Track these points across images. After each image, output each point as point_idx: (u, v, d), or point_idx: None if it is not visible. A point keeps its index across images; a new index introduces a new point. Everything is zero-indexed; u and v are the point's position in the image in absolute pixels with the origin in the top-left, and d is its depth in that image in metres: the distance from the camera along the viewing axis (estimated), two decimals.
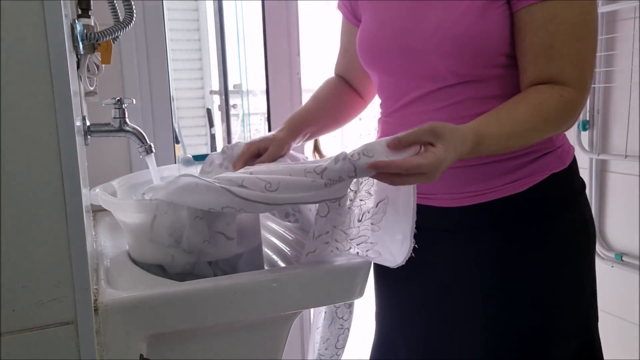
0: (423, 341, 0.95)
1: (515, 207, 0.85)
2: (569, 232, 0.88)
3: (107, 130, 0.98)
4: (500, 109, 0.77)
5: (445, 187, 0.86)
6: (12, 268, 0.58)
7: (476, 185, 0.84)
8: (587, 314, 0.92)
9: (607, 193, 1.69)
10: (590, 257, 0.92)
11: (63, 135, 0.58)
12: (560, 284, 0.87)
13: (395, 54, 0.86)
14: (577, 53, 0.77)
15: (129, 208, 0.84)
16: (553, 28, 0.77)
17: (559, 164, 0.86)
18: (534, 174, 0.84)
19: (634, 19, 1.54)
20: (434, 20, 0.81)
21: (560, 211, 0.87)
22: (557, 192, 0.87)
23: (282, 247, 1.03)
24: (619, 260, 1.64)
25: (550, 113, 0.77)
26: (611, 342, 1.71)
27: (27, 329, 0.60)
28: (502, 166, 0.84)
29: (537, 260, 0.86)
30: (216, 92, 2.53)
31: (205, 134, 2.99)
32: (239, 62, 2.27)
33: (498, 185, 0.84)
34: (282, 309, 0.82)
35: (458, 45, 0.80)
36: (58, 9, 0.56)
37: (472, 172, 0.84)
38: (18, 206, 0.58)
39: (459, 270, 0.89)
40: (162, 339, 0.76)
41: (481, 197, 0.85)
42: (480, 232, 0.87)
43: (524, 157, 0.84)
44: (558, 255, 0.87)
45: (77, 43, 0.77)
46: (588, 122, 1.69)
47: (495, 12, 0.79)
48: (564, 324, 0.88)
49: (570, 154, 0.89)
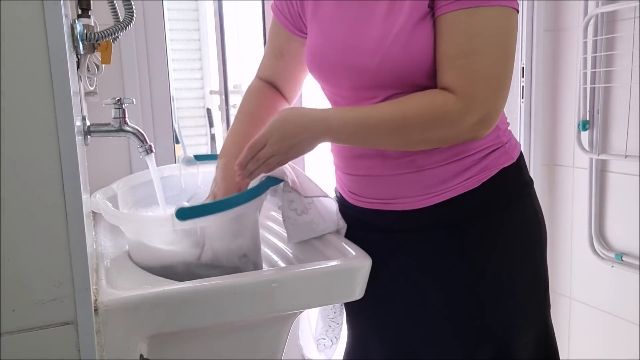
0: (394, 340, 0.96)
1: (470, 203, 0.88)
2: (522, 223, 0.92)
3: (107, 130, 0.98)
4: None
5: (405, 192, 0.89)
6: (12, 268, 0.58)
7: (434, 187, 0.88)
8: (543, 304, 0.96)
9: (607, 193, 1.69)
10: (542, 247, 0.95)
11: (63, 135, 0.58)
12: (517, 274, 0.91)
13: (343, 70, 0.88)
14: (470, 64, 0.77)
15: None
16: (454, 37, 0.78)
17: (507, 159, 0.89)
18: (485, 170, 0.87)
19: (634, 19, 1.54)
20: (374, 38, 0.84)
21: (513, 203, 0.91)
22: (509, 186, 0.90)
23: (282, 247, 1.03)
24: (619, 260, 1.64)
25: (410, 111, 0.79)
26: (611, 342, 1.71)
27: (27, 329, 0.60)
28: (456, 166, 0.87)
29: (493, 252, 0.89)
30: (216, 92, 2.53)
31: (205, 134, 3.00)
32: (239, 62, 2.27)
33: (454, 184, 0.87)
34: (282, 309, 0.82)
35: (398, 62, 0.82)
36: (58, 9, 0.56)
37: (429, 175, 0.87)
38: (18, 206, 0.58)
39: (419, 268, 0.91)
40: (162, 339, 0.76)
41: (438, 197, 0.88)
42: (437, 229, 0.89)
43: (474, 155, 0.87)
44: (513, 245, 0.91)
45: (77, 43, 0.77)
46: (588, 122, 1.69)
47: (429, 24, 0.81)
48: (522, 314, 0.91)
49: (517, 149, 0.93)
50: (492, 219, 0.89)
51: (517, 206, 0.91)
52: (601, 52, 1.62)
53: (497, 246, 0.89)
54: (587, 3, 1.63)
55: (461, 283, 0.89)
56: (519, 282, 0.91)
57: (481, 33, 0.77)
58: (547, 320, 0.97)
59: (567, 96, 1.75)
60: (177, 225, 0.80)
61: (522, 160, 0.94)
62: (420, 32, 0.80)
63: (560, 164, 1.82)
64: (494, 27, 0.77)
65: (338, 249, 0.90)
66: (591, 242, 1.71)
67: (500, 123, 0.89)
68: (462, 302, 0.89)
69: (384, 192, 0.91)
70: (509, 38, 0.79)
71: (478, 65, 0.78)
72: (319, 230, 0.94)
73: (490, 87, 0.78)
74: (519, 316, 0.91)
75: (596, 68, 1.64)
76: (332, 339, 1.05)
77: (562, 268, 1.84)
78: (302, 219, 0.92)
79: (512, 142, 0.93)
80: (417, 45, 0.81)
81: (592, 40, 1.62)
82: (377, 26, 0.83)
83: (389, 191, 0.90)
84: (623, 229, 1.65)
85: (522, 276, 0.91)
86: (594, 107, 1.68)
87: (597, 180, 1.70)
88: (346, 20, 0.88)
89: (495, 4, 0.77)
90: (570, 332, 1.85)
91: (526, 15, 1.73)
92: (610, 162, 1.67)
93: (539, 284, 0.95)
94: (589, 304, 1.77)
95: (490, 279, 0.89)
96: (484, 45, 0.77)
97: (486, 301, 0.89)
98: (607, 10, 1.58)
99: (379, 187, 0.91)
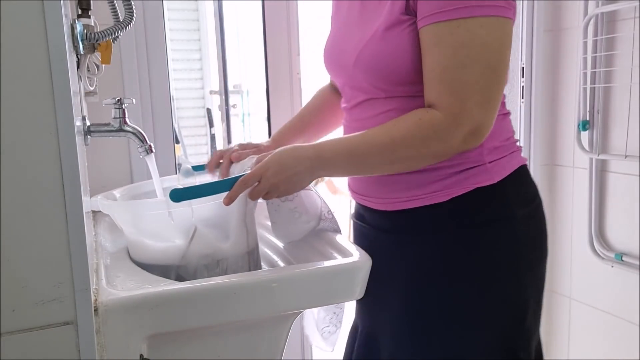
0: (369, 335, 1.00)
1: (436, 216, 0.86)
2: (491, 249, 0.86)
3: (107, 130, 0.98)
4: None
5: (374, 191, 0.92)
6: (12, 268, 0.58)
7: (399, 193, 0.88)
8: (509, 335, 0.89)
9: (607, 193, 1.69)
10: (519, 277, 0.88)
11: (63, 135, 0.58)
12: (467, 299, 0.87)
13: (335, 69, 0.95)
14: (455, 79, 0.76)
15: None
16: (437, 52, 0.76)
17: (486, 179, 0.85)
18: (456, 186, 0.85)
19: (634, 19, 1.54)
20: (355, 41, 0.86)
21: (484, 226, 0.86)
22: (483, 207, 0.86)
23: (282, 247, 1.03)
24: (619, 260, 1.64)
25: (399, 132, 0.79)
26: (611, 342, 1.71)
27: (27, 329, 0.60)
28: (424, 176, 0.86)
29: (459, 272, 0.86)
30: (216, 92, 2.53)
31: (205, 134, 2.99)
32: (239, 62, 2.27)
33: (419, 194, 0.86)
34: (282, 309, 0.82)
35: (371, 65, 0.83)
36: (58, 9, 0.56)
37: (395, 180, 0.88)
38: (18, 206, 0.58)
39: (390, 269, 0.92)
40: (162, 339, 0.76)
41: (403, 204, 0.88)
42: (405, 236, 0.90)
43: (447, 168, 0.85)
44: (473, 269, 0.86)
45: (77, 43, 0.77)
46: (588, 122, 1.68)
47: (402, 33, 0.80)
48: (470, 341, 0.87)
49: (504, 171, 0.87)
50: (455, 236, 0.86)
51: (487, 230, 0.86)
52: (601, 52, 1.62)
53: (459, 268, 0.86)
54: (587, 3, 1.63)
55: (417, 296, 0.89)
56: (468, 307, 0.87)
57: (466, 46, 0.75)
58: (516, 354, 0.90)
59: (567, 96, 1.75)
60: (172, 206, 0.80)
61: (508, 186, 0.87)
62: (392, 37, 0.80)
63: (560, 164, 1.82)
64: (479, 38, 0.75)
65: (338, 249, 0.90)
66: (591, 242, 1.71)
67: (487, 142, 0.84)
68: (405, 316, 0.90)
69: (362, 187, 0.94)
70: (496, 48, 0.76)
71: (463, 79, 0.76)
72: (301, 221, 0.94)
73: (476, 101, 0.76)
74: (466, 343, 0.87)
75: (596, 68, 1.64)
76: (335, 324, 1.06)
77: (562, 268, 1.84)
78: (286, 205, 0.93)
79: (501, 163, 0.87)
80: (387, 51, 0.81)
81: (592, 40, 1.62)
82: (360, 28, 0.86)
83: (364, 187, 0.94)
84: (623, 229, 1.65)
85: (474, 302, 0.87)
86: (594, 107, 1.68)
87: (597, 180, 1.70)
88: (345, 21, 0.92)
89: (478, 15, 0.74)
90: (570, 332, 1.85)
91: (526, 15, 1.73)
92: (610, 162, 1.67)
93: (503, 313, 0.88)
94: (589, 304, 1.77)
95: (431, 297, 0.87)
96: (468, 59, 0.75)
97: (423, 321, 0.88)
98: (607, 10, 1.58)
99: (359, 182, 0.95)
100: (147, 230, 0.88)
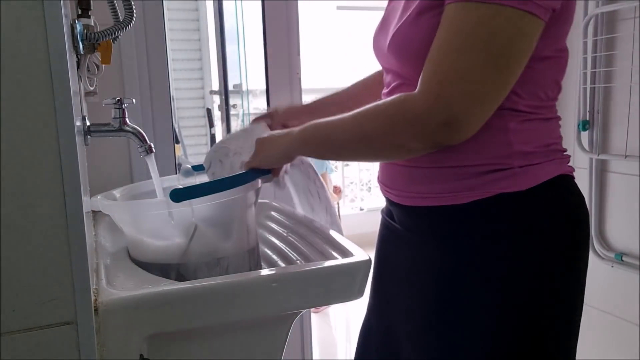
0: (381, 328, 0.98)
1: (458, 221, 0.81)
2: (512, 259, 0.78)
3: (107, 130, 0.98)
4: None
5: (394, 182, 0.88)
6: (12, 268, 0.58)
7: (418, 186, 0.83)
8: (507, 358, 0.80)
9: (607, 193, 1.69)
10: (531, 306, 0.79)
11: (63, 136, 0.58)
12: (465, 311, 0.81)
13: (377, 52, 0.93)
14: (445, 61, 0.69)
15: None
16: (443, 33, 0.71)
17: (511, 185, 0.77)
18: (479, 188, 0.78)
19: (634, 19, 1.54)
20: (392, 25, 0.84)
21: (500, 239, 0.78)
22: (508, 216, 0.78)
23: (282, 247, 1.04)
24: (619, 260, 1.64)
25: (370, 108, 0.75)
26: (611, 342, 1.71)
27: (27, 329, 0.60)
28: (444, 171, 0.80)
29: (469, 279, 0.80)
30: (216, 92, 2.53)
31: (205, 134, 2.99)
32: (239, 62, 2.27)
33: (438, 191, 0.81)
34: (282, 309, 0.82)
35: (402, 50, 0.80)
36: (58, 9, 0.56)
37: (417, 172, 0.83)
38: (18, 206, 0.58)
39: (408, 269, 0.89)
40: (162, 339, 0.76)
41: (423, 200, 0.83)
42: (419, 236, 0.87)
43: (471, 167, 0.78)
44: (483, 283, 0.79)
45: (77, 43, 0.77)
46: (588, 122, 1.68)
47: (433, 19, 0.74)
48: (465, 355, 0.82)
49: (536, 179, 0.78)
50: (477, 245, 0.79)
51: (511, 241, 0.78)
52: (601, 52, 1.62)
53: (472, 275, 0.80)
54: (587, 3, 1.63)
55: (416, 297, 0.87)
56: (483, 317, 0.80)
57: (470, 32, 0.67)
58: None
59: (567, 96, 1.75)
60: (172, 206, 0.80)
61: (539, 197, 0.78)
62: (422, 22, 0.76)
63: None
64: (488, 27, 0.67)
65: (338, 248, 0.90)
66: (591, 242, 1.71)
67: (516, 144, 0.77)
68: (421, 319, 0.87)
69: (385, 176, 0.91)
70: (506, 41, 0.68)
71: (454, 64, 0.68)
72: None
73: (461, 89, 0.68)
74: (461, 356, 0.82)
75: (596, 68, 1.64)
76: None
77: None
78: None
79: (533, 170, 0.78)
80: (417, 36, 0.76)
81: (592, 40, 1.62)
82: (401, 11, 0.83)
83: (387, 177, 0.91)
84: (623, 229, 1.65)
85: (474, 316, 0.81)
86: (594, 107, 1.68)
87: (597, 181, 1.70)
88: (393, 4, 0.90)
89: (497, 3, 0.66)
90: None
91: None
92: (610, 162, 1.67)
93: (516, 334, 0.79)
94: (589, 304, 1.77)
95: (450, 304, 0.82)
96: (467, 44, 0.68)
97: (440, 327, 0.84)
98: (607, 10, 1.58)
99: (383, 171, 0.92)
100: (147, 230, 0.88)
